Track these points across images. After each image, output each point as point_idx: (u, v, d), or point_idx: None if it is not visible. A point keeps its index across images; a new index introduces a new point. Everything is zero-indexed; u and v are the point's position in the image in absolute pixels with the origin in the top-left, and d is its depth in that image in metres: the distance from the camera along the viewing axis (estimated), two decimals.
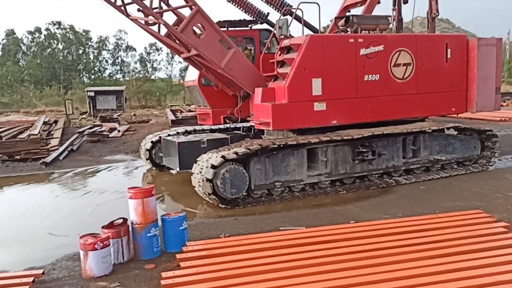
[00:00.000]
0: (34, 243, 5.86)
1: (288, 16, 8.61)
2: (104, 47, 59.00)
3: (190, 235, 5.37)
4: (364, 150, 7.82)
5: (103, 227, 4.89)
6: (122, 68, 59.85)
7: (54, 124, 17.49)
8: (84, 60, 56.45)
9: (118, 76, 57.61)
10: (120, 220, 5.01)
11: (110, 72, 59.04)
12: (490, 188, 7.58)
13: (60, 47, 55.48)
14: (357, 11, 9.79)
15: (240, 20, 9.46)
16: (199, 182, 6.99)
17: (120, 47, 60.08)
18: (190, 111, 21.96)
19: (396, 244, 4.74)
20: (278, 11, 9.44)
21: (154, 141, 9.90)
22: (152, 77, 54.91)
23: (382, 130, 7.93)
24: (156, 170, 10.25)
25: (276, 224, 6.05)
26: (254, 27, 9.75)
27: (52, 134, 15.15)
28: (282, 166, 7.40)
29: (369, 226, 5.47)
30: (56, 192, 9.03)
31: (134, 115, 26.43)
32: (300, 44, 7.51)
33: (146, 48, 60.13)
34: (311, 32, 9.05)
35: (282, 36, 7.93)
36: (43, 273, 4.56)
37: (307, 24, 9.05)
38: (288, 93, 7.46)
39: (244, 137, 8.91)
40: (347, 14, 9.39)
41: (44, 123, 16.90)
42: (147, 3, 7.39)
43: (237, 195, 7.01)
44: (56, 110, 32.29)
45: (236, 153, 6.92)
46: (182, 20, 7.52)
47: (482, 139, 9.22)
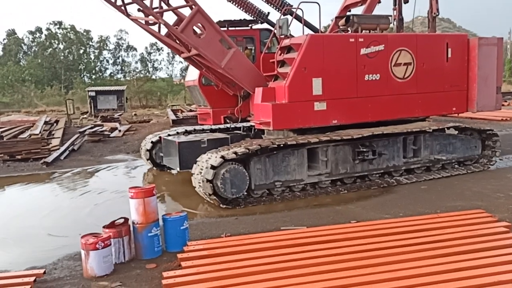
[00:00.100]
0: (34, 243, 5.86)
1: (288, 16, 8.60)
2: (105, 47, 59.05)
3: (191, 234, 5.37)
4: (364, 150, 7.82)
5: (104, 227, 4.90)
6: (123, 68, 59.95)
7: (55, 124, 17.52)
8: (85, 60, 56.47)
9: (119, 76, 57.77)
10: (121, 220, 5.02)
11: (111, 72, 59.22)
12: (491, 187, 7.58)
13: (61, 47, 55.50)
14: (357, 10, 9.80)
15: (240, 19, 9.45)
16: (200, 183, 6.99)
17: (121, 47, 60.19)
18: (191, 110, 21.97)
19: (397, 244, 4.74)
20: (278, 11, 9.43)
21: (154, 141, 9.90)
22: (153, 77, 55.02)
23: (382, 130, 7.92)
24: (157, 170, 10.26)
25: (277, 224, 6.05)
26: (255, 26, 9.74)
27: (53, 134, 15.17)
28: (283, 166, 7.40)
29: (370, 226, 5.47)
30: (56, 191, 9.04)
31: (135, 115, 26.45)
32: (301, 43, 7.51)
33: (147, 48, 60.33)
34: (311, 32, 9.05)
35: (283, 36, 7.92)
36: (44, 272, 4.56)
37: (307, 24, 9.04)
38: (288, 92, 7.46)
39: (244, 137, 8.90)
40: (347, 13, 9.39)
41: (45, 123, 16.92)
42: (147, 3, 7.39)
43: (237, 194, 7.01)
44: (57, 110, 32.34)
45: (235, 153, 6.91)
46: (182, 20, 7.52)
47: (482, 139, 9.22)
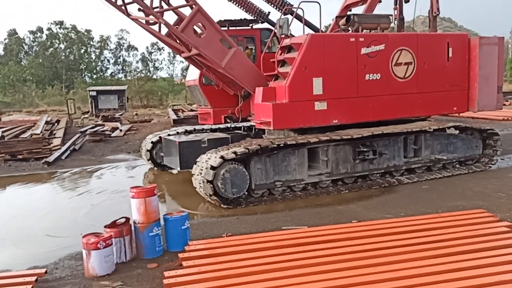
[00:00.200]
0: (33, 243, 5.85)
1: (289, 15, 8.59)
2: (106, 47, 59.07)
3: (192, 234, 5.38)
4: (365, 150, 7.81)
5: (105, 226, 4.91)
6: (124, 67, 59.96)
7: (56, 124, 17.54)
8: (86, 60, 56.48)
9: (120, 75, 57.80)
10: (123, 220, 5.03)
11: (112, 72, 59.22)
12: (492, 187, 7.57)
13: (62, 46, 55.53)
14: (358, 10, 9.79)
15: (241, 19, 9.44)
16: (200, 184, 7.00)
17: (122, 47, 60.21)
18: (192, 110, 21.98)
19: (399, 243, 4.74)
20: (279, 10, 9.43)
21: (154, 141, 9.92)
22: (154, 76, 54.99)
23: (381, 129, 7.91)
24: (157, 169, 10.26)
25: (278, 223, 6.06)
26: (255, 26, 9.72)
27: (54, 134, 15.19)
28: (283, 165, 7.40)
29: (371, 225, 5.47)
30: (58, 191, 9.04)
31: (136, 114, 26.47)
32: (301, 43, 7.50)
33: (148, 47, 60.38)
34: (312, 31, 9.04)
35: (283, 36, 7.91)
36: (45, 272, 4.57)
37: (308, 23, 9.04)
38: (288, 92, 7.46)
39: (245, 136, 8.89)
40: (348, 13, 9.39)
41: (46, 122, 16.94)
42: (148, 2, 7.38)
43: (238, 194, 7.02)
44: (58, 109, 32.38)
45: (235, 152, 6.91)
46: (183, 20, 7.51)
47: (483, 138, 9.21)
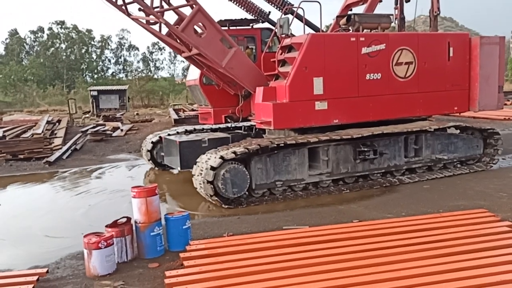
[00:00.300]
0: (33, 243, 5.85)
1: (289, 15, 8.59)
2: (107, 46, 59.08)
3: (193, 234, 5.39)
4: (365, 149, 7.81)
5: (107, 226, 4.92)
6: (125, 67, 59.92)
7: (57, 124, 17.56)
8: (87, 60, 56.47)
9: (121, 75, 57.72)
10: (124, 219, 5.04)
11: (113, 72, 59.18)
12: (494, 187, 7.57)
13: (63, 46, 55.55)
14: (359, 9, 9.78)
15: (241, 19, 9.44)
16: (200, 184, 7.00)
17: (123, 46, 60.14)
18: (193, 110, 21.99)
19: (400, 243, 4.74)
20: (279, 10, 9.42)
21: (154, 141, 9.93)
22: (155, 76, 54.96)
23: (381, 129, 7.91)
24: (158, 169, 10.26)
25: (279, 223, 6.06)
26: (255, 26, 9.72)
27: (55, 134, 15.22)
28: (283, 165, 7.40)
29: (372, 225, 5.47)
30: (57, 191, 9.02)
31: (137, 114, 26.49)
32: (301, 43, 7.50)
33: (149, 47, 60.17)
34: (312, 31, 9.04)
35: (284, 35, 7.91)
36: (47, 272, 4.59)
37: (308, 23, 9.03)
38: (289, 92, 7.45)
39: (245, 136, 8.89)
40: (348, 12, 9.39)
41: (48, 122, 16.96)
42: (148, 2, 7.37)
43: (239, 194, 7.02)
44: (59, 109, 32.40)
45: (234, 152, 6.91)
46: (183, 19, 7.52)
47: (484, 138, 9.20)
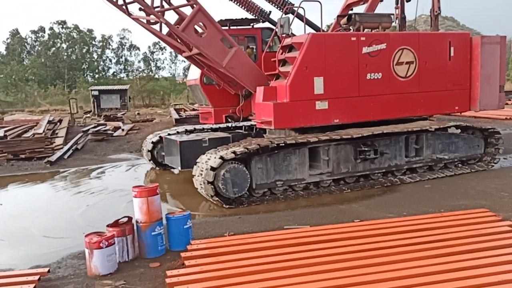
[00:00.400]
0: (33, 243, 5.85)
1: (290, 15, 8.60)
2: (108, 46, 59.11)
3: (194, 233, 5.40)
4: (366, 149, 7.81)
5: (108, 226, 4.93)
6: (126, 67, 59.93)
7: (58, 123, 17.58)
8: (88, 59, 56.49)
9: (122, 75, 57.69)
10: (125, 219, 5.05)
11: (114, 71, 59.20)
12: (495, 186, 7.57)
13: (64, 46, 55.58)
14: (359, 9, 9.78)
15: (242, 18, 9.44)
16: (201, 185, 7.01)
17: (124, 46, 60.16)
18: (193, 109, 21.99)
19: (401, 243, 4.74)
20: (280, 10, 9.42)
21: (154, 141, 9.94)
22: (156, 76, 54.93)
23: (382, 129, 7.90)
24: (159, 169, 10.27)
25: (280, 223, 6.07)
26: (256, 25, 9.73)
27: (56, 133, 15.23)
28: (284, 165, 7.40)
29: (373, 225, 5.48)
30: (57, 190, 9.02)
31: (138, 114, 26.51)
32: (302, 42, 7.50)
33: (149, 47, 60.17)
34: (313, 31, 9.04)
35: (284, 35, 7.91)
36: (48, 271, 4.60)
37: (309, 23, 9.03)
38: (289, 92, 7.46)
39: (246, 136, 8.90)
40: (349, 12, 9.38)
41: (49, 122, 16.97)
42: (149, 2, 7.37)
43: (239, 193, 7.03)
44: (61, 109, 32.40)
45: (234, 152, 6.91)
46: (184, 19, 7.52)
47: (485, 137, 9.19)
